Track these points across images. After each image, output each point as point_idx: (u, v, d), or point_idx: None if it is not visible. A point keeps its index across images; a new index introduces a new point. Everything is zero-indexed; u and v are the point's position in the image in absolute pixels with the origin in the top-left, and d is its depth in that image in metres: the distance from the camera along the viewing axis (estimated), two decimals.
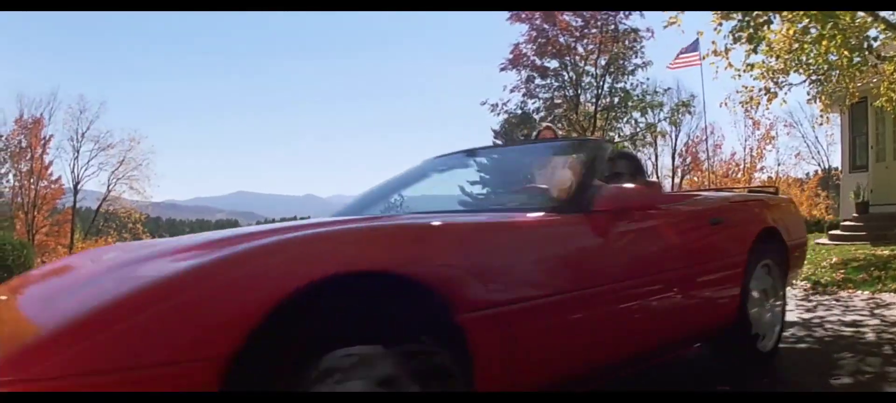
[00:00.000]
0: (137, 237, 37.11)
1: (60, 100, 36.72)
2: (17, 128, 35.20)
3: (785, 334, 5.22)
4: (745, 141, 34.39)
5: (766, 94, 10.66)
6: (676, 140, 35.64)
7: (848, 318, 5.75)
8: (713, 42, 9.98)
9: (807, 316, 6.02)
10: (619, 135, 23.64)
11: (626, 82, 22.35)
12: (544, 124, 7.57)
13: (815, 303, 6.64)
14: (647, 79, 22.37)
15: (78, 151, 36.21)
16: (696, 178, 34.65)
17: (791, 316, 5.99)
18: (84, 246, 34.83)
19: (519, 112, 23.43)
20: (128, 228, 36.44)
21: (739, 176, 33.97)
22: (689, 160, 35.56)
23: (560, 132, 7.36)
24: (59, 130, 36.60)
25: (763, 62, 10.12)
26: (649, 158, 35.06)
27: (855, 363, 4.15)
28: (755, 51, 8.96)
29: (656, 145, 34.13)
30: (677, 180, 35.55)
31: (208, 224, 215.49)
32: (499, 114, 23.36)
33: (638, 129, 23.42)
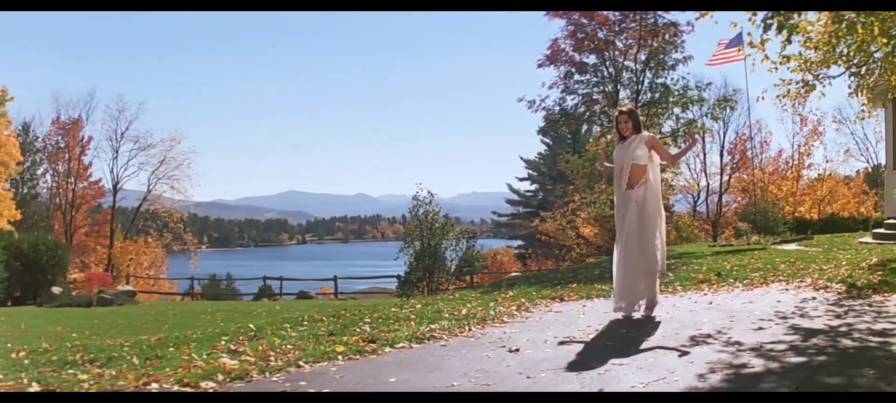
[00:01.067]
0: (179, 236, 37.74)
1: (98, 100, 37.25)
2: (54, 128, 36.11)
3: (805, 344, 4.83)
4: (793, 138, 33.32)
5: (804, 88, 10.19)
6: (724, 137, 34.75)
7: (878, 326, 5.34)
8: (749, 34, 9.60)
9: (835, 322, 5.62)
10: (660, 132, 23.08)
11: (666, 77, 21.76)
12: (617, 109, 6.99)
13: (845, 309, 6.20)
14: (688, 74, 21.74)
15: (117, 151, 36.53)
16: (744, 176, 33.73)
17: (817, 324, 5.60)
18: (124, 247, 35.58)
19: (557, 108, 23.03)
20: (169, 228, 36.96)
21: (788, 173, 33.02)
22: (737, 158, 34.61)
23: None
24: (97, 130, 37.13)
25: (800, 54, 9.66)
26: (697, 155, 34.34)
27: (874, 381, 3.79)
28: (789, 41, 8.52)
29: (704, 142, 33.35)
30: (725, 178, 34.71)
31: (257, 223, 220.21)
32: (536, 111, 23.01)
33: (679, 126, 22.80)
